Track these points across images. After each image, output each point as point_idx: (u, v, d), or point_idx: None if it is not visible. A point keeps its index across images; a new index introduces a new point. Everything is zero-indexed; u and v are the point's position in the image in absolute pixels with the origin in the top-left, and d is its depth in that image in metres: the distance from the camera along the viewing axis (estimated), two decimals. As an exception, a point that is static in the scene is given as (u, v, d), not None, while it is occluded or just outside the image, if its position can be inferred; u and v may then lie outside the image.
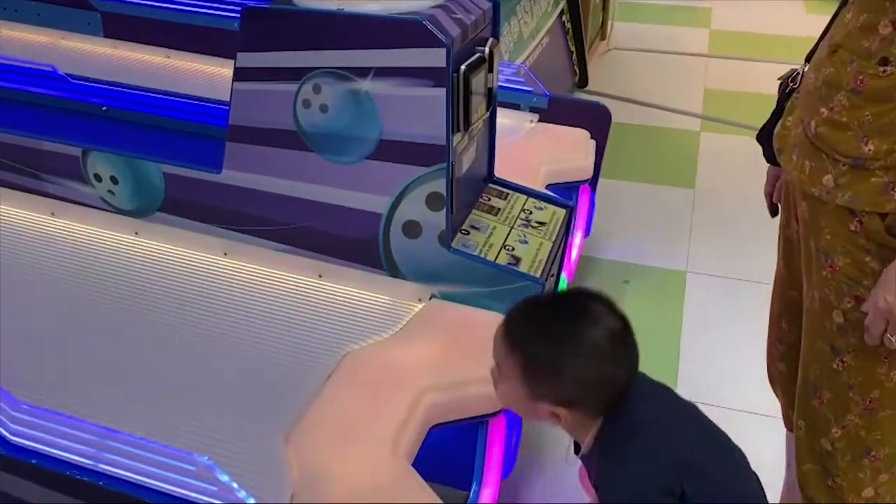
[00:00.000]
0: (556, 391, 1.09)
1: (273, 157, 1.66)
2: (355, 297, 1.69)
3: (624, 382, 1.10)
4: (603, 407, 1.11)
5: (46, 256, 1.79)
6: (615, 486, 1.08)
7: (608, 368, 1.08)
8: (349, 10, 1.50)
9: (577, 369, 1.07)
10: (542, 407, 1.11)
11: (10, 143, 1.87)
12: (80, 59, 2.72)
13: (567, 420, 1.11)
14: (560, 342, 1.08)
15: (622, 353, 1.09)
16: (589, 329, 1.08)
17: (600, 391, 1.09)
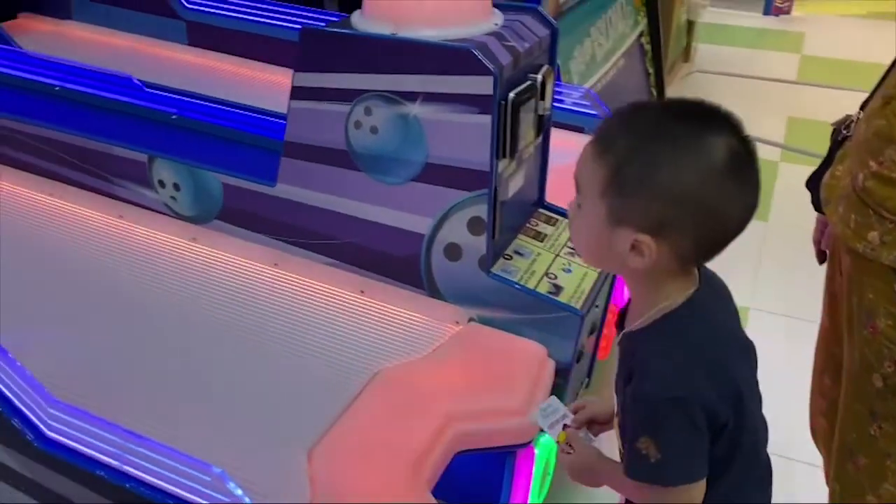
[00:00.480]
0: (644, 206, 0.87)
1: (324, 173, 1.70)
2: (394, 314, 1.71)
3: (734, 226, 0.89)
4: (700, 255, 0.91)
5: (111, 256, 1.88)
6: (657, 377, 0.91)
7: (717, 192, 0.85)
8: (402, 35, 1.52)
9: (685, 177, 0.85)
10: (623, 236, 0.89)
11: (85, 146, 1.98)
12: (163, 64, 2.85)
13: (649, 259, 0.89)
14: (668, 138, 0.86)
15: (739, 181, 0.87)
16: (708, 133, 0.86)
17: (707, 222, 0.87)
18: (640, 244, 0.89)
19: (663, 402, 0.92)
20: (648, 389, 0.93)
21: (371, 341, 1.64)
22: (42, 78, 2.14)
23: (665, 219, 0.87)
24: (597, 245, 0.95)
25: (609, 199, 0.90)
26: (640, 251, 0.89)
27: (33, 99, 2.13)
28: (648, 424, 0.94)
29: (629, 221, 0.89)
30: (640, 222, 0.88)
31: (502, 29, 1.60)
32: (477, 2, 1.60)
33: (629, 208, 0.88)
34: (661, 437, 0.93)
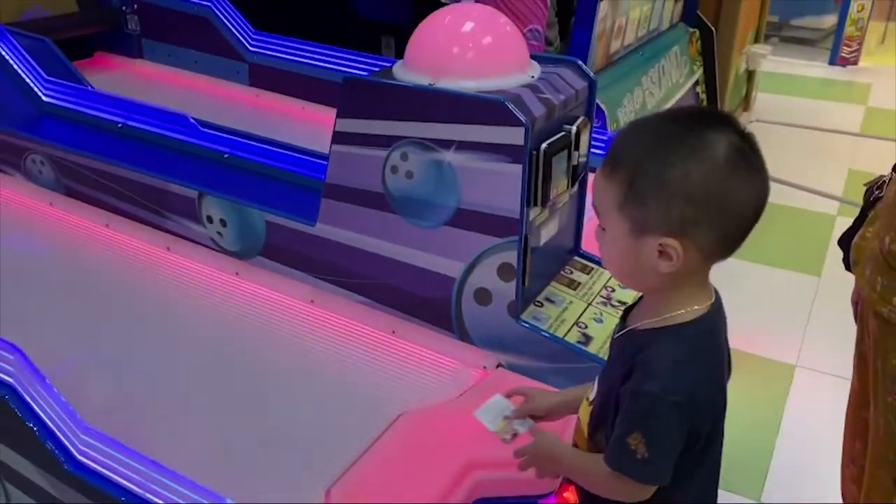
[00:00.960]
0: (663, 210, 0.91)
1: (361, 215, 1.75)
2: (423, 356, 1.73)
3: (748, 214, 0.92)
4: (723, 248, 0.94)
5: (157, 287, 1.96)
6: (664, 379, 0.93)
7: (726, 184, 0.90)
8: (439, 86, 1.57)
9: (694, 175, 0.89)
10: (650, 244, 0.93)
11: (141, 181, 2.08)
12: (224, 103, 2.97)
13: (677, 262, 0.92)
14: (672, 144, 0.91)
15: (750, 170, 0.91)
16: (708, 132, 0.91)
17: (722, 214, 0.91)
18: (666, 248, 0.93)
19: (665, 404, 0.94)
20: (653, 389, 0.95)
21: (399, 381, 1.67)
22: (106, 115, 2.26)
23: (685, 218, 0.91)
24: (627, 261, 0.98)
25: (628, 212, 0.94)
26: (668, 255, 0.93)
27: (96, 134, 2.25)
28: (644, 422, 0.96)
29: (652, 229, 0.93)
30: (662, 227, 0.92)
31: (538, 81, 1.63)
32: (514, 54, 1.64)
33: (649, 216, 0.92)
34: (653, 437, 0.96)
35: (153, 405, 1.54)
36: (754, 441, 2.25)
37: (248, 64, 3.05)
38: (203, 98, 3.01)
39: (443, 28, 1.65)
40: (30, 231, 2.15)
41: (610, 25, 2.93)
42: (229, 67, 3.09)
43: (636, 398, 0.97)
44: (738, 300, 2.86)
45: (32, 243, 2.11)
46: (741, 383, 2.48)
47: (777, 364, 2.62)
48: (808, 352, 2.67)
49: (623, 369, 1.00)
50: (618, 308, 1.81)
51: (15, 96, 2.39)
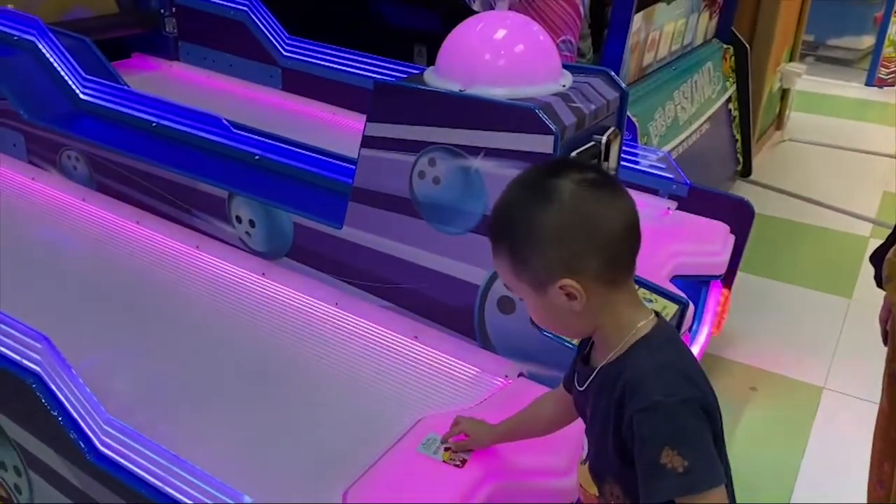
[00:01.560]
0: (546, 257, 0.96)
1: (387, 220, 1.75)
2: (444, 362, 1.73)
3: (620, 229, 0.97)
4: (617, 270, 0.98)
5: (185, 284, 1.98)
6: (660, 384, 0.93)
7: (582, 213, 0.95)
8: (469, 93, 1.57)
9: (551, 217, 0.95)
10: (553, 293, 0.97)
11: (171, 179, 2.10)
12: (257, 107, 3.01)
13: (584, 298, 0.96)
14: (522, 207, 0.98)
15: (598, 196, 0.97)
16: (548, 181, 0.97)
17: (596, 240, 0.95)
18: (567, 289, 0.97)
19: (676, 404, 0.93)
20: (657, 397, 0.94)
21: (419, 387, 1.66)
22: (140, 114, 2.30)
23: (563, 258, 0.96)
24: (550, 315, 1.03)
25: (523, 276, 1.00)
26: (573, 294, 0.97)
27: (131, 133, 2.29)
28: (666, 433, 0.93)
29: (547, 280, 0.98)
30: (553, 275, 0.97)
31: (570, 90, 1.63)
32: (546, 63, 1.64)
33: (538, 271, 0.98)
34: (682, 442, 0.92)
35: (176, 401, 1.55)
36: (779, 463, 2.21)
37: (282, 68, 3.08)
38: (236, 101, 3.04)
39: (475, 35, 1.65)
40: (62, 225, 2.19)
41: (643, 38, 2.92)
42: (263, 72, 3.13)
43: (646, 414, 0.95)
44: (767, 319, 2.88)
45: (64, 237, 2.14)
46: (767, 403, 2.47)
47: (803, 385, 2.58)
48: (837, 374, 2.62)
49: (613, 399, 1.00)
50: (642, 321, 1.80)
51: (54, 93, 2.44)
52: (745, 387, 2.55)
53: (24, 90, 2.41)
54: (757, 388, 2.55)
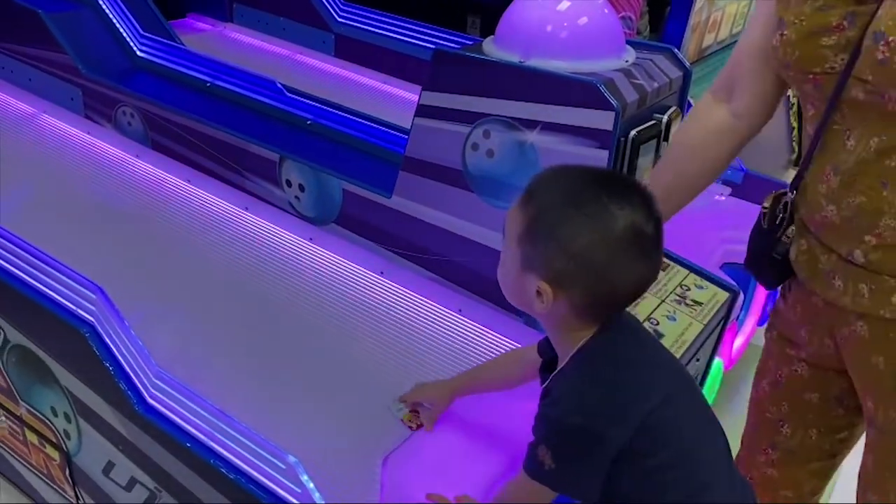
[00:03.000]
0: (549, 258, 0.97)
1: (437, 191, 1.74)
2: (488, 338, 1.72)
3: (627, 292, 0.99)
4: (591, 312, 1.00)
5: (233, 245, 2.00)
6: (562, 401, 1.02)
7: (617, 260, 0.95)
8: (529, 64, 1.54)
9: (581, 239, 0.94)
10: (530, 280, 0.99)
11: (223, 140, 2.11)
12: (309, 72, 3.01)
13: (548, 306, 0.99)
14: (576, 203, 0.96)
15: (639, 254, 0.96)
16: (613, 206, 0.94)
17: (597, 284, 0.96)
18: (542, 291, 0.99)
19: (565, 427, 1.01)
20: (552, 414, 1.04)
21: (461, 361, 1.66)
22: (196, 73, 2.31)
23: (562, 273, 0.97)
24: (514, 287, 1.05)
25: (522, 247, 1.00)
26: (541, 296, 0.99)
27: (186, 91, 2.30)
28: (548, 440, 1.04)
29: (535, 269, 0.99)
30: (543, 272, 0.98)
31: (633, 66, 1.59)
32: (609, 37, 1.60)
33: (536, 257, 0.99)
34: (556, 453, 1.02)
35: (218, 358, 1.57)
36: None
37: (335, 34, 3.07)
38: (287, 65, 3.05)
39: (537, 5, 1.61)
40: (116, 180, 2.22)
41: (705, 19, 2.84)
42: (316, 37, 3.12)
43: (541, 418, 1.06)
44: None
45: (117, 192, 2.17)
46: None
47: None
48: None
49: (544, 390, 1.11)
50: (692, 307, 1.77)
51: (112, 49, 2.46)
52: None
53: (83, 45, 2.44)
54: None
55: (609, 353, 1.03)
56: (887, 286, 1.09)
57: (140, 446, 1.31)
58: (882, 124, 1.04)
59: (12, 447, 1.71)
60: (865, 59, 1.02)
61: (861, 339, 1.15)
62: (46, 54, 2.45)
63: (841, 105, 1.07)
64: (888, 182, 1.04)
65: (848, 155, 1.07)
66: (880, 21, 1.00)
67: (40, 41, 2.45)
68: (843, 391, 1.28)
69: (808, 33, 1.08)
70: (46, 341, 1.42)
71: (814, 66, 1.09)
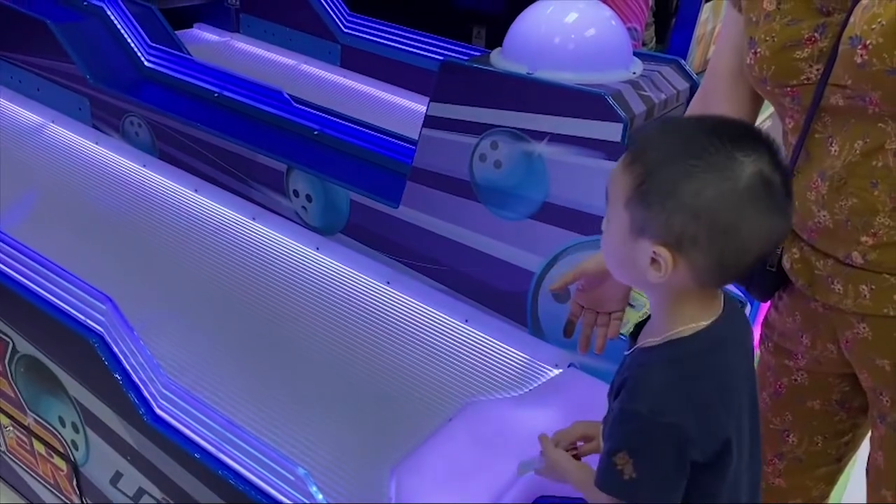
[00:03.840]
0: (667, 218, 0.85)
1: (445, 201, 1.74)
2: (495, 348, 1.72)
3: (753, 251, 0.87)
4: (716, 276, 0.88)
5: (241, 255, 2.01)
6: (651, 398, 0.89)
7: (747, 213, 0.84)
8: (537, 76, 1.54)
9: (707, 192, 0.83)
10: (642, 248, 0.88)
11: (233, 150, 2.12)
12: (315, 82, 3.02)
13: (665, 274, 0.87)
14: (696, 153, 0.84)
15: (770, 206, 0.85)
16: (739, 153, 0.83)
17: (725, 242, 0.85)
18: (657, 257, 0.87)
19: (655, 425, 0.90)
20: (641, 409, 0.91)
21: (468, 371, 1.66)
22: (203, 84, 2.32)
23: (683, 233, 0.85)
24: (621, 256, 0.93)
25: (632, 210, 0.88)
26: (657, 264, 0.88)
27: (193, 102, 2.32)
28: (631, 442, 0.92)
29: (650, 234, 0.87)
30: (660, 235, 0.87)
31: (640, 78, 1.60)
32: (617, 49, 1.61)
33: (650, 219, 0.87)
34: (641, 458, 0.91)
35: (225, 368, 1.57)
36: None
37: (341, 45, 3.08)
38: (294, 75, 3.06)
39: (545, 18, 1.62)
40: (123, 189, 2.23)
41: (710, 30, 2.85)
42: (322, 47, 3.14)
43: (624, 417, 0.93)
44: None
45: (125, 201, 2.18)
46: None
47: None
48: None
49: (617, 385, 0.97)
50: (699, 318, 1.77)
51: (120, 59, 2.47)
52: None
53: (91, 55, 2.45)
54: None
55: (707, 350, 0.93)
56: (888, 284, 1.08)
57: (148, 457, 1.31)
58: (865, 127, 1.04)
59: (20, 457, 1.71)
60: (842, 65, 1.02)
61: (865, 341, 1.15)
62: (55, 64, 2.47)
63: (821, 113, 1.07)
64: (878, 181, 1.04)
65: (834, 160, 1.08)
66: (854, 27, 1.00)
67: (48, 51, 2.46)
68: (843, 395, 1.28)
69: (780, 48, 1.09)
70: (55, 351, 1.42)
71: (790, 79, 1.09)
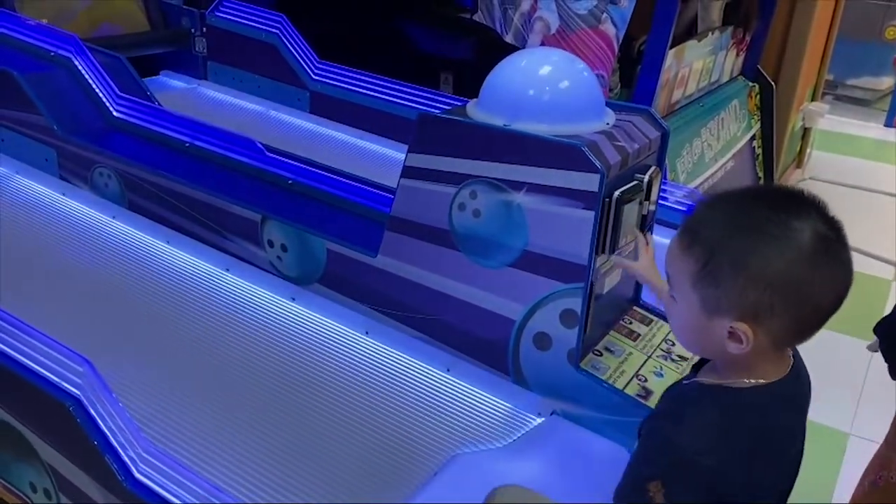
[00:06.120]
0: (738, 293, 0.88)
1: (424, 250, 1.74)
2: (477, 397, 1.71)
3: (828, 306, 0.89)
4: (795, 337, 0.91)
5: (215, 307, 1.97)
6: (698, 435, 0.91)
7: (816, 274, 0.87)
8: (513, 128, 1.56)
9: (775, 263, 0.86)
10: (719, 324, 0.90)
11: (203, 200, 2.10)
12: (285, 129, 3.02)
13: (748, 345, 0.89)
14: (754, 228, 0.88)
15: (833, 260, 0.89)
16: (793, 220, 0.87)
17: (800, 304, 0.88)
18: (737, 331, 0.90)
19: (695, 464, 0.91)
20: (684, 444, 0.92)
21: (451, 423, 1.64)
22: (174, 133, 2.30)
23: (759, 306, 0.88)
24: (696, 335, 0.97)
25: (701, 290, 0.92)
26: (738, 338, 0.91)
27: (164, 152, 2.29)
28: (669, 475, 0.93)
29: (724, 310, 0.90)
30: (735, 310, 0.90)
31: (613, 128, 1.62)
32: (590, 100, 1.64)
33: (723, 298, 0.90)
34: (675, 493, 0.91)
35: (211, 426, 1.53)
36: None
37: (311, 92, 3.10)
38: (262, 122, 3.06)
39: (520, 70, 1.65)
40: (92, 242, 2.19)
41: (673, 75, 2.93)
42: (291, 94, 3.15)
43: (664, 445, 0.94)
44: None
45: (94, 254, 2.14)
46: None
47: (829, 430, 2.55)
48: (863, 420, 2.59)
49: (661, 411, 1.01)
50: (678, 363, 1.78)
51: (88, 110, 2.45)
52: (769, 429, 2.51)
53: (59, 106, 2.42)
54: (782, 431, 2.51)
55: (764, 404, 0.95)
56: None
57: (129, 527, 1.27)
58: None
59: (-15, 524, 1.64)
60: None
61: None
62: (20, 115, 2.43)
63: None
64: None
65: None
66: None
67: (14, 102, 2.43)
68: None
69: None
70: (28, 416, 1.38)
71: None
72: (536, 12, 2.89)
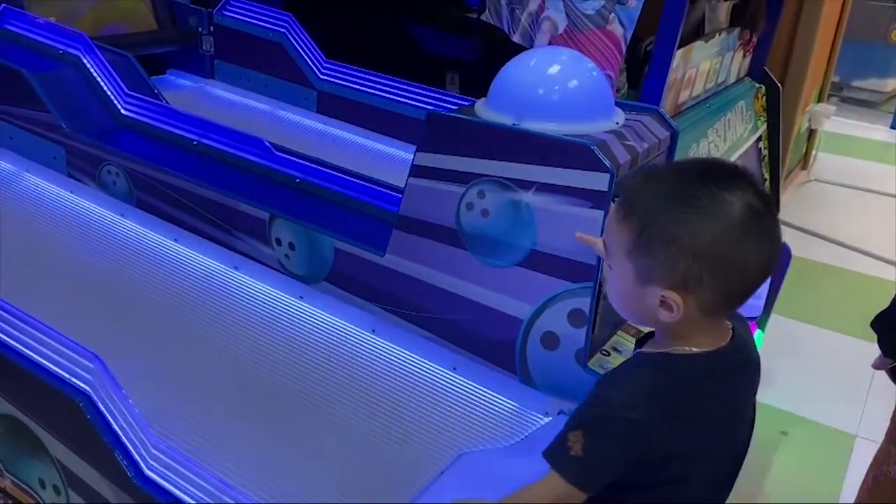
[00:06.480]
0: (669, 264, 0.93)
1: (432, 249, 1.74)
2: (483, 396, 1.71)
3: (755, 277, 0.95)
4: (724, 306, 0.96)
5: (223, 305, 1.98)
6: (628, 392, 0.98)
7: (744, 245, 0.91)
8: (523, 127, 1.57)
9: (704, 234, 0.91)
10: (653, 293, 0.96)
11: (211, 199, 2.10)
12: (292, 128, 3.02)
13: (678, 314, 0.95)
14: (685, 200, 0.92)
15: (762, 233, 0.93)
16: (724, 193, 0.91)
17: (728, 275, 0.93)
18: (667, 300, 0.96)
19: (620, 418, 0.96)
20: (614, 398, 0.98)
21: (457, 422, 1.65)
22: (182, 132, 2.31)
23: (689, 275, 0.93)
24: (630, 302, 1.02)
25: (636, 261, 0.97)
26: (669, 307, 0.96)
27: (172, 150, 2.30)
28: (592, 425, 1.00)
29: (657, 280, 0.96)
30: (666, 280, 0.95)
31: (623, 128, 1.63)
32: (600, 99, 1.64)
33: (655, 267, 0.95)
34: (593, 441, 0.98)
35: (221, 423, 1.54)
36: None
37: (317, 91, 3.10)
38: (269, 121, 3.06)
39: (529, 69, 1.65)
40: (100, 240, 2.19)
41: (681, 76, 2.92)
42: (298, 94, 3.15)
43: (595, 400, 1.01)
44: (793, 362, 2.85)
45: (102, 252, 2.14)
46: (797, 448, 2.43)
47: (835, 432, 2.54)
48: (870, 422, 2.58)
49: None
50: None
51: (96, 108, 2.45)
52: (775, 431, 2.51)
53: (67, 103, 2.43)
54: (788, 433, 2.51)
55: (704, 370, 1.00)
56: None
57: (140, 524, 1.27)
58: None
59: (-7, 520, 1.65)
60: None
61: None
62: (29, 113, 2.44)
63: None
64: None
65: None
66: None
67: (23, 100, 2.43)
68: None
69: None
70: (37, 411, 1.38)
71: None
72: (544, 12, 2.89)
